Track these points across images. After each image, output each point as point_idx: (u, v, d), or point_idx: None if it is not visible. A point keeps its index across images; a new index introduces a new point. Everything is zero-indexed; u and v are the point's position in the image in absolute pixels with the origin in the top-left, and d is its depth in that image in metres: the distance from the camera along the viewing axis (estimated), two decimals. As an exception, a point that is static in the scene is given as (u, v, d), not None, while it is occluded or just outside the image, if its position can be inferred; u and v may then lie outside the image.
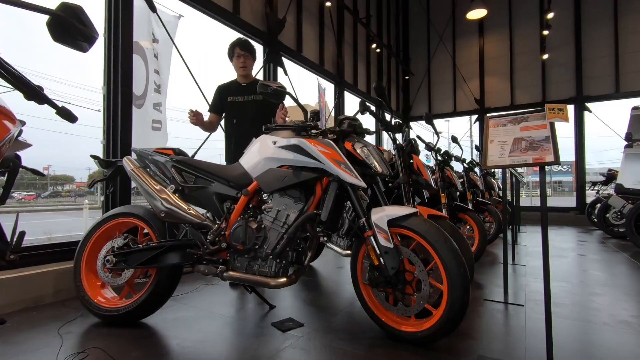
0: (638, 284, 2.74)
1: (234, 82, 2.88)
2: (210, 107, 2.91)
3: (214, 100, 2.88)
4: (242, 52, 2.77)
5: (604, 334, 1.81)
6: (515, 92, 8.17)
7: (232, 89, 2.83)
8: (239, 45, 2.78)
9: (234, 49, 2.80)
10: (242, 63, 2.78)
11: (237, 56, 2.78)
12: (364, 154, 1.87)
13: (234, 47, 2.80)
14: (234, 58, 2.81)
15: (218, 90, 2.87)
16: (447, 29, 8.89)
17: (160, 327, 1.84)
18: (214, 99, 2.88)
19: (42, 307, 2.14)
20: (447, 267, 1.50)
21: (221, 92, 2.84)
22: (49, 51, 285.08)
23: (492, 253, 4.05)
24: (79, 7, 0.82)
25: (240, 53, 2.77)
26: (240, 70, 2.80)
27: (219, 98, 2.84)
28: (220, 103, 2.84)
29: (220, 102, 2.84)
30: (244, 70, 2.80)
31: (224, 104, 2.82)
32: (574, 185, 8.17)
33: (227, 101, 2.81)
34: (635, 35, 7.01)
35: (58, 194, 27.78)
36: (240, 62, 2.78)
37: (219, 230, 1.78)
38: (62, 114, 0.91)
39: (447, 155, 3.67)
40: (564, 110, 1.44)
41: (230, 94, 2.81)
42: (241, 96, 2.80)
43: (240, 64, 2.78)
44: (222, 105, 2.84)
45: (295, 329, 1.82)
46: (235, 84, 2.85)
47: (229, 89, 2.84)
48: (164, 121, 3.34)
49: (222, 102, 2.83)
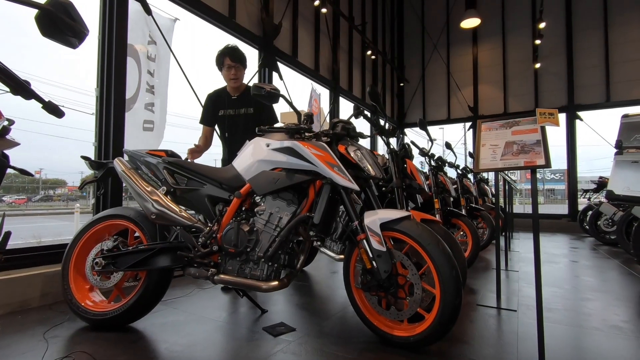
0: (629, 290, 2.76)
1: (225, 92, 2.74)
2: (201, 119, 2.81)
3: (205, 112, 2.79)
4: (233, 64, 2.61)
5: (595, 339, 1.81)
6: (508, 100, 8.27)
7: (223, 101, 2.72)
8: (228, 56, 2.60)
9: (223, 59, 2.62)
10: (233, 75, 2.63)
11: (228, 67, 2.61)
12: (357, 157, 1.87)
13: (224, 57, 2.62)
14: (223, 69, 2.65)
15: (209, 101, 2.76)
16: (442, 37, 9.00)
17: (149, 331, 1.81)
18: (205, 110, 2.78)
19: (29, 311, 2.09)
20: (440, 271, 1.50)
21: (213, 104, 2.74)
22: (40, 53, 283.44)
23: (485, 259, 4.06)
24: (69, 2, 0.81)
25: (231, 64, 2.60)
26: (231, 82, 2.67)
27: (211, 110, 2.75)
28: (212, 116, 2.75)
29: (212, 114, 2.75)
30: (235, 82, 2.67)
31: (215, 117, 2.74)
32: (566, 193, 8.25)
33: (218, 115, 2.72)
34: (624, 46, 7.15)
35: (49, 197, 27.43)
36: (231, 74, 2.62)
37: (210, 233, 1.76)
38: (49, 109, 0.90)
39: (440, 161, 3.69)
40: (554, 115, 1.46)
41: (221, 107, 2.72)
42: (232, 109, 2.70)
43: (231, 76, 2.63)
44: (214, 118, 2.75)
45: (286, 333, 1.80)
46: (226, 95, 2.73)
47: (220, 101, 2.73)
48: (158, 121, 3.31)
49: (214, 115, 2.74)
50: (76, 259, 1.93)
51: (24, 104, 25.85)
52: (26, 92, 0.85)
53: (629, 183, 3.03)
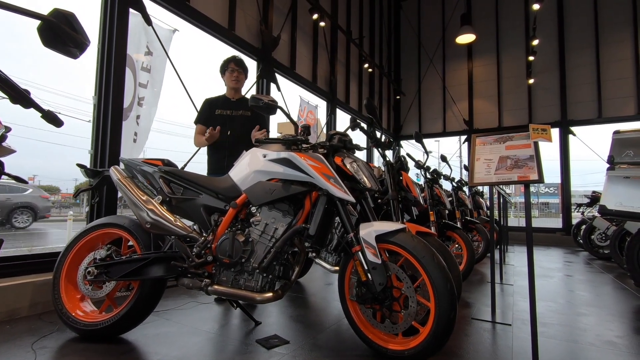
0: (623, 305, 2.77)
1: (223, 96, 2.91)
2: (197, 118, 2.89)
3: (201, 112, 2.88)
4: (237, 68, 2.84)
5: (589, 354, 1.80)
6: (502, 114, 8.38)
7: (220, 102, 2.86)
8: (234, 61, 2.86)
9: (228, 64, 2.86)
10: (235, 77, 2.84)
11: (231, 71, 2.84)
12: (353, 169, 1.88)
13: (229, 62, 2.86)
14: (226, 72, 2.86)
15: (207, 103, 2.89)
16: (438, 51, 9.15)
17: (140, 343, 1.78)
18: (202, 111, 2.88)
19: (17, 321, 2.05)
20: (435, 284, 1.49)
21: (210, 105, 2.86)
22: (38, 60, 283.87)
23: (480, 272, 4.06)
24: (71, 13, 0.82)
25: (235, 68, 2.84)
26: (232, 83, 2.84)
27: (208, 110, 2.85)
28: (209, 116, 2.84)
29: (208, 114, 2.84)
30: (236, 84, 2.86)
31: (212, 116, 2.82)
32: (560, 207, 8.31)
33: (215, 114, 2.82)
34: (616, 64, 7.31)
35: (42, 204, 27.04)
36: (234, 77, 2.84)
37: (205, 243, 1.75)
38: (48, 118, 0.90)
39: (436, 174, 3.71)
40: (547, 131, 1.49)
41: (219, 108, 2.84)
42: (229, 110, 2.84)
43: (233, 78, 2.84)
44: (210, 117, 2.83)
45: (280, 346, 1.78)
46: (224, 98, 2.89)
47: (218, 103, 2.86)
48: (142, 133, 3.33)
49: (210, 114, 2.83)
50: (68, 268, 1.90)
51: (11, 109, 25.86)
52: (26, 101, 0.85)
53: (621, 198, 3.06)
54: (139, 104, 3.28)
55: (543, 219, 27.67)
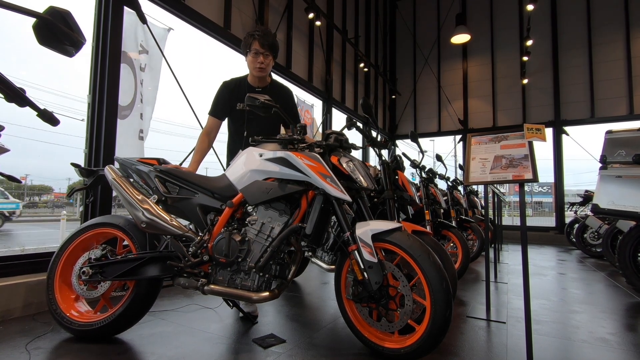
0: (615, 302, 2.80)
1: (245, 82, 2.31)
2: (211, 109, 2.31)
3: (217, 101, 2.30)
4: (262, 50, 2.18)
5: (582, 351, 1.83)
6: (497, 114, 8.44)
7: (243, 92, 2.17)
8: (258, 40, 2.16)
9: (251, 43, 2.18)
10: (260, 63, 2.20)
11: (255, 53, 2.19)
12: (349, 168, 1.88)
13: (252, 40, 2.18)
14: (249, 54, 2.21)
15: (226, 90, 2.29)
16: (433, 51, 9.20)
17: (136, 343, 1.77)
18: (218, 99, 2.30)
19: (10, 321, 2.03)
20: (430, 283, 1.50)
21: (230, 94, 2.28)
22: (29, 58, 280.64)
23: (475, 270, 4.09)
24: (67, 11, 0.81)
25: (260, 51, 2.18)
26: (257, 70, 2.23)
27: (227, 101, 2.29)
28: (227, 108, 2.30)
29: (226, 106, 2.29)
30: (261, 71, 2.23)
31: (231, 110, 2.29)
32: (553, 206, 8.39)
33: (235, 108, 2.02)
34: (608, 64, 7.40)
35: (34, 204, 26.80)
36: (258, 62, 2.20)
37: (201, 242, 1.75)
38: (44, 117, 0.90)
39: (431, 173, 3.73)
40: (541, 130, 1.50)
41: (240, 100, 1.97)
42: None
43: (257, 64, 2.20)
44: (228, 111, 2.31)
45: (276, 345, 1.78)
46: (247, 86, 2.30)
47: (238, 92, 2.26)
48: (146, 130, 3.31)
49: (229, 107, 2.29)
50: (62, 268, 1.89)
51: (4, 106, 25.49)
52: (21, 99, 0.85)
53: (613, 197, 3.10)
54: (142, 101, 3.26)
55: (537, 218, 27.91)
